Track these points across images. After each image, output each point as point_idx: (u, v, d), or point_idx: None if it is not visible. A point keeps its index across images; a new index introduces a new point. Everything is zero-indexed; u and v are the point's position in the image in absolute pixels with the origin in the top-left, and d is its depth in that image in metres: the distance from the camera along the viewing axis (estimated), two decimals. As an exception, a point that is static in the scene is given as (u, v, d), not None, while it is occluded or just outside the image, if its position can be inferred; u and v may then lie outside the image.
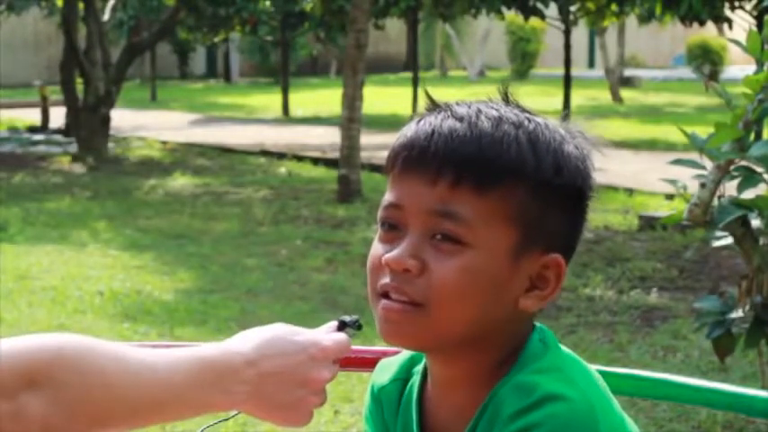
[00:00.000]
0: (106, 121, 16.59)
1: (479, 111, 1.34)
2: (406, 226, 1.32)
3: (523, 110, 1.37)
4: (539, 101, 23.17)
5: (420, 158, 1.31)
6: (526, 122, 1.34)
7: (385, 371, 1.49)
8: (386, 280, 1.33)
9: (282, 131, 20.13)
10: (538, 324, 1.38)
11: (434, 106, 1.37)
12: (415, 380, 1.44)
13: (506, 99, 1.39)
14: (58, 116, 20.53)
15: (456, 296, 1.29)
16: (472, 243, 1.29)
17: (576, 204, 1.35)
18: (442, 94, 1.46)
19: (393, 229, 1.34)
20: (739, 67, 22.09)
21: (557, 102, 19.34)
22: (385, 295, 1.33)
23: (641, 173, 13.43)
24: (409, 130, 1.35)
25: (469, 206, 1.29)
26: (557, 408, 1.26)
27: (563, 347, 1.38)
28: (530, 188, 1.31)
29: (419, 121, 1.36)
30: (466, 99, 1.39)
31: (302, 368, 1.31)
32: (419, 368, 1.45)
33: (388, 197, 1.35)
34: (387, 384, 1.47)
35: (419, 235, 1.31)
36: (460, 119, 1.33)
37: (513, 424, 1.26)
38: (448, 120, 1.33)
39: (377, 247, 1.36)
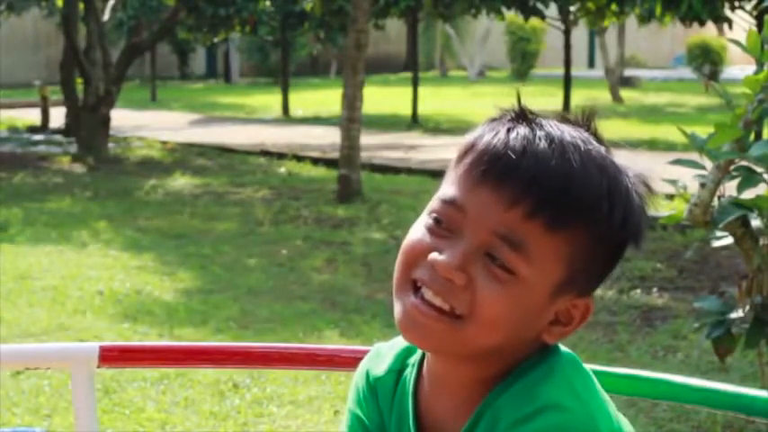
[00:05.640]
0: (106, 121, 16.58)
1: (565, 138, 1.29)
2: (461, 231, 1.29)
3: (601, 141, 1.34)
4: (539, 101, 23.08)
5: (504, 174, 1.27)
6: (608, 164, 1.31)
7: (380, 360, 1.48)
8: (424, 274, 1.29)
9: (282, 131, 20.12)
10: None
11: (522, 115, 1.33)
12: (410, 372, 1.43)
13: (588, 126, 1.35)
14: (58, 116, 20.52)
15: (496, 320, 1.28)
16: (524, 276, 1.27)
17: (622, 254, 1.36)
18: (442, 94, 1.47)
19: (443, 226, 1.30)
20: (739, 67, 22.09)
21: (557, 102, 19.31)
22: (416, 288, 1.30)
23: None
24: (497, 137, 1.31)
25: (536, 242, 1.27)
26: (557, 418, 1.25)
27: (561, 347, 1.37)
28: (596, 236, 1.30)
29: (509, 129, 1.31)
30: (549, 112, 1.36)
31: None
32: (414, 359, 1.44)
33: (451, 192, 1.31)
34: (382, 375, 1.46)
35: (474, 248, 1.28)
36: (551, 142, 1.28)
37: None
38: (540, 142, 1.28)
39: (419, 233, 1.32)
